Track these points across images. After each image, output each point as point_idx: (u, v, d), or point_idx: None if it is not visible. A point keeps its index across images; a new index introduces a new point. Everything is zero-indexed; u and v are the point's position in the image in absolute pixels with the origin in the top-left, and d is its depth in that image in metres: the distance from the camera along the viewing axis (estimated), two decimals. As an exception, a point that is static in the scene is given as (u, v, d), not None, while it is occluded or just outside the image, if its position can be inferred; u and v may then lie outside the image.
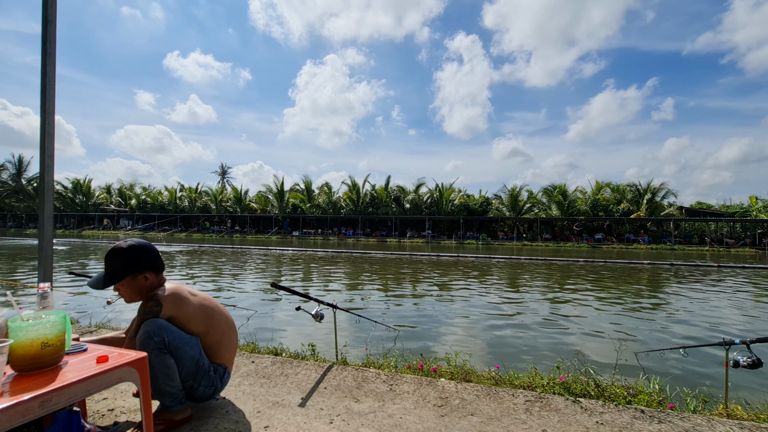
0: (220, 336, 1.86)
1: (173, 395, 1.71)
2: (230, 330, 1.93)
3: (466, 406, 2.10)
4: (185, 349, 1.68)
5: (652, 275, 12.13)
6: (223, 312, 1.93)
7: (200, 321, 1.79)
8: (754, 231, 29.40)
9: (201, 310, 1.80)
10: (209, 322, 1.82)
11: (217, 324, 1.85)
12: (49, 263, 2.18)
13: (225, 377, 1.91)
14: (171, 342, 1.64)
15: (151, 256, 1.76)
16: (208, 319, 1.82)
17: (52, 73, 2.17)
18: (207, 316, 1.82)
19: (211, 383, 1.82)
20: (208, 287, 8.78)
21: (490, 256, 17.84)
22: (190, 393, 1.81)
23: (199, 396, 1.84)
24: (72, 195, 45.48)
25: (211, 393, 1.86)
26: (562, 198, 33.33)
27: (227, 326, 1.91)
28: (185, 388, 1.76)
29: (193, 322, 1.77)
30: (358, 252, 18.96)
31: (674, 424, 1.93)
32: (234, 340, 1.96)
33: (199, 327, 1.78)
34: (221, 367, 1.88)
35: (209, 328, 1.82)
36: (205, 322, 1.81)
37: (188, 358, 1.70)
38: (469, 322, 5.87)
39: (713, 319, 6.46)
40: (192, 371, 1.73)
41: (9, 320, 1.15)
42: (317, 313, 2.94)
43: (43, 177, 2.14)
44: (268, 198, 42.77)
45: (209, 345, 1.82)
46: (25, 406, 0.99)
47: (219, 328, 1.85)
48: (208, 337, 1.82)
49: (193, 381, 1.76)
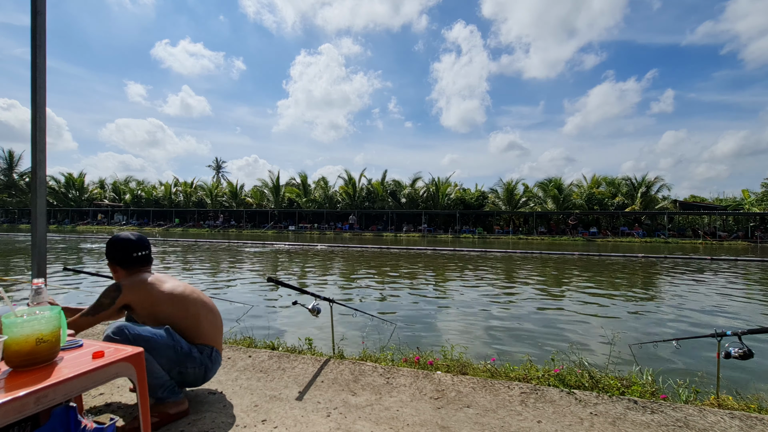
0: (195, 318, 1.87)
1: (162, 386, 1.72)
2: (207, 311, 1.94)
3: (462, 399, 2.12)
4: (155, 339, 1.68)
5: (645, 268, 12.25)
6: (199, 296, 1.95)
7: (167, 305, 1.81)
8: (746, 224, 29.72)
9: (168, 295, 1.82)
10: (178, 305, 1.84)
11: (188, 306, 1.86)
12: (42, 259, 2.16)
13: (214, 357, 1.92)
14: (136, 336, 1.63)
15: (118, 251, 1.87)
16: (176, 303, 1.83)
17: (42, 65, 2.13)
18: (175, 301, 1.83)
19: (199, 363, 1.83)
20: (205, 283, 8.75)
21: (486, 249, 17.92)
22: (182, 378, 1.82)
23: (191, 379, 1.86)
24: (65, 190, 44.98)
25: (203, 373, 1.87)
26: (557, 192, 33.44)
27: (203, 308, 1.93)
28: (174, 375, 1.78)
29: (159, 306, 1.79)
30: (355, 246, 18.97)
31: (667, 414, 1.96)
32: (213, 321, 1.96)
33: (167, 310, 1.80)
34: (206, 347, 1.89)
35: (179, 311, 1.83)
36: (173, 305, 1.82)
37: (162, 347, 1.70)
38: (465, 316, 5.91)
39: (705, 311, 6.55)
40: (172, 357, 1.73)
41: (3, 316, 1.14)
42: (314, 308, 2.94)
43: (35, 172, 2.11)
44: (263, 192, 42.56)
45: (185, 327, 1.84)
46: (20, 402, 0.99)
47: (191, 311, 1.87)
48: (182, 320, 1.83)
49: (179, 366, 1.77)
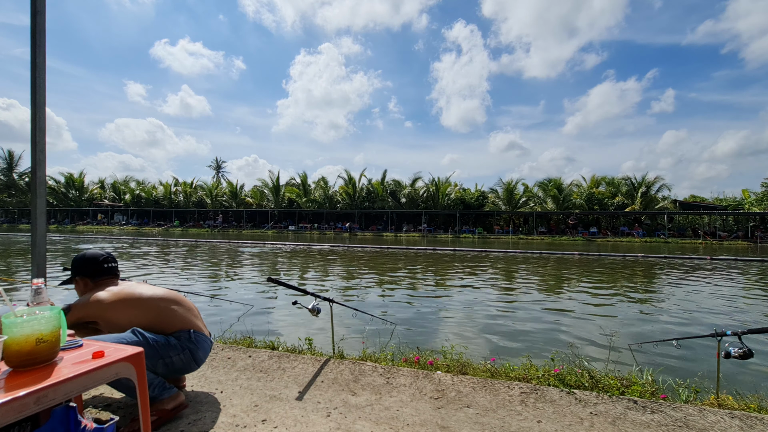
0: (156, 312, 1.89)
1: (150, 385, 1.73)
2: (168, 302, 1.95)
3: (462, 398, 2.12)
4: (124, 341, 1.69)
5: (645, 268, 12.25)
6: (155, 292, 1.96)
7: (120, 310, 1.82)
8: (746, 224, 29.72)
9: (117, 301, 1.83)
10: (133, 306, 1.85)
11: (144, 304, 1.87)
12: (42, 259, 2.16)
13: (195, 338, 1.93)
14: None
15: (89, 264, 1.92)
16: (130, 305, 1.85)
17: (42, 65, 2.13)
18: (127, 304, 1.84)
19: (181, 348, 1.86)
20: (203, 284, 8.76)
21: (486, 249, 17.92)
22: (173, 368, 1.84)
23: (181, 366, 1.88)
24: (65, 190, 44.97)
25: (191, 356, 1.89)
26: (557, 192, 33.43)
27: (163, 301, 1.94)
28: (161, 370, 1.80)
29: (112, 313, 1.81)
30: (355, 246, 18.97)
31: (667, 414, 1.96)
32: (177, 308, 1.97)
33: (123, 315, 1.82)
34: (183, 332, 1.91)
35: (137, 310, 1.85)
36: (128, 308, 1.84)
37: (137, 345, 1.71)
38: (465, 316, 5.91)
39: (705, 310, 6.55)
40: (149, 353, 1.74)
41: (3, 316, 1.14)
42: (314, 308, 2.94)
43: (34, 172, 2.11)
44: (263, 192, 42.55)
45: (150, 323, 1.86)
46: (20, 402, 0.99)
47: (150, 307, 1.88)
48: (140, 318, 1.84)
49: (162, 358, 1.79)
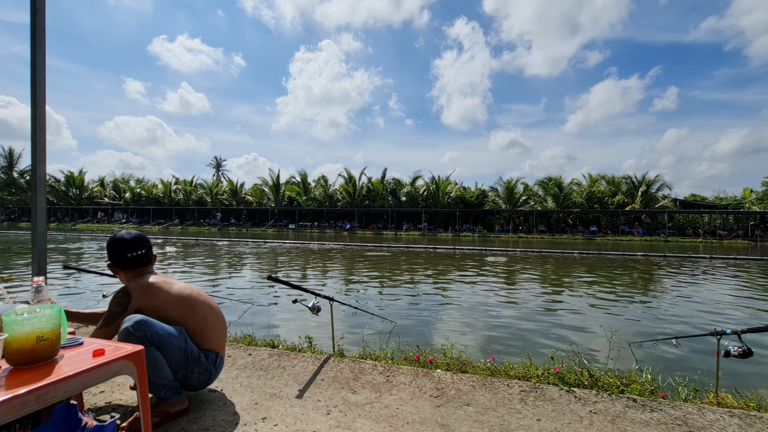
0: (203, 321, 1.87)
1: (166, 386, 1.72)
2: (213, 315, 1.94)
3: (462, 397, 2.13)
4: (170, 340, 1.69)
5: (645, 267, 12.25)
6: (206, 299, 1.95)
7: (176, 308, 1.81)
8: (746, 223, 29.69)
9: (177, 297, 1.83)
10: (187, 308, 1.84)
11: (196, 309, 1.86)
12: (42, 257, 2.16)
13: (218, 363, 1.92)
14: (154, 335, 1.63)
15: (113, 251, 1.87)
16: (185, 306, 1.83)
17: (42, 63, 2.12)
18: (184, 303, 1.83)
19: (204, 369, 1.84)
20: (203, 281, 8.76)
21: (486, 248, 17.92)
22: (186, 382, 1.82)
23: (194, 383, 1.85)
24: (65, 188, 44.97)
25: (206, 379, 1.87)
26: (557, 190, 33.41)
27: (210, 312, 1.93)
28: (179, 377, 1.78)
29: (168, 308, 1.79)
30: (355, 245, 18.97)
31: (666, 413, 1.97)
32: (219, 325, 1.96)
33: (176, 313, 1.80)
34: (212, 352, 1.89)
35: (188, 314, 1.83)
36: (182, 308, 1.82)
37: (174, 348, 1.70)
38: (465, 314, 5.92)
39: (705, 309, 6.56)
40: (181, 360, 1.74)
41: (3, 314, 1.14)
42: (314, 306, 2.94)
43: (35, 170, 2.11)
44: (263, 191, 42.53)
45: (192, 331, 1.84)
46: (21, 399, 0.99)
47: (199, 314, 1.87)
48: (189, 323, 1.83)
49: (186, 369, 1.77)
